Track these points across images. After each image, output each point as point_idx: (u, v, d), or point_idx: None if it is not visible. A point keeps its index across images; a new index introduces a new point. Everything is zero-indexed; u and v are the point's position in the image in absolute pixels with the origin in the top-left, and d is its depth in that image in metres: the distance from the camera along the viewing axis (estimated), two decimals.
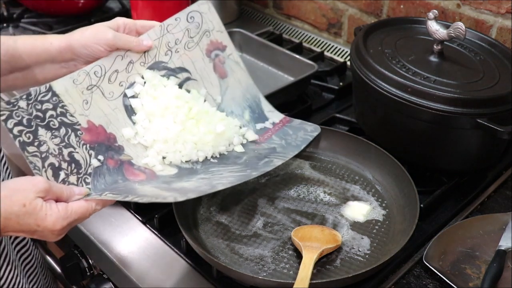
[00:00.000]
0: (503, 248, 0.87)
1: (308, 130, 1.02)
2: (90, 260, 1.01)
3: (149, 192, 0.81)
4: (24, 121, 0.77)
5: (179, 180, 0.86)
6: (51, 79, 0.83)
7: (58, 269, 1.07)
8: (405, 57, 1.04)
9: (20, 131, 0.76)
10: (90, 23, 1.54)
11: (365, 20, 1.46)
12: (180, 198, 0.76)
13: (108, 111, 0.86)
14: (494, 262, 0.84)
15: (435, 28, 1.02)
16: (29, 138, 0.77)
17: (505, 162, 1.09)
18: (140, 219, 0.95)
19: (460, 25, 0.97)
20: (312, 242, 0.84)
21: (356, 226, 0.92)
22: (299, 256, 0.84)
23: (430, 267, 0.85)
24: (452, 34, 0.99)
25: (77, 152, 0.81)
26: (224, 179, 0.86)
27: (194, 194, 0.79)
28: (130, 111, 0.89)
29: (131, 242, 0.92)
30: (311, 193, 0.98)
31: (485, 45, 1.10)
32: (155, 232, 0.93)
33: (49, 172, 0.78)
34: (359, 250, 0.87)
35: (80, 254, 1.02)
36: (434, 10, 1.03)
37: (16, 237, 0.94)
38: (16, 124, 0.76)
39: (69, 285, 1.09)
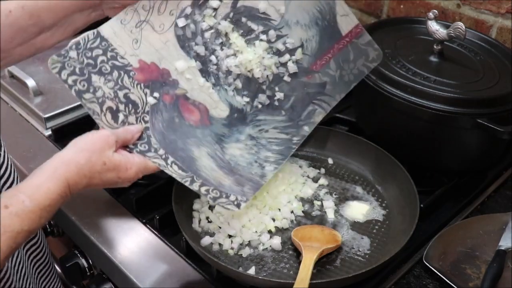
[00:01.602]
0: (503, 248, 0.87)
1: (370, 57, 0.96)
2: (90, 260, 1.01)
3: (208, 172, 0.83)
4: (77, 70, 0.77)
5: (230, 133, 0.89)
6: (81, 27, 0.82)
7: (58, 269, 1.06)
8: (405, 57, 1.04)
9: (75, 81, 0.77)
10: None
11: (365, 20, 1.46)
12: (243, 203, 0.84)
13: (159, 46, 0.84)
14: (494, 262, 0.84)
15: (435, 28, 1.02)
16: (83, 86, 0.77)
17: (505, 162, 1.09)
18: (140, 219, 0.95)
19: (460, 25, 0.97)
20: (312, 242, 0.84)
21: (356, 226, 0.92)
22: (299, 256, 0.84)
23: (430, 267, 0.85)
24: (452, 34, 0.99)
25: (132, 93, 0.81)
26: (268, 151, 0.91)
27: (252, 190, 0.87)
28: (182, 41, 0.86)
29: (131, 242, 0.92)
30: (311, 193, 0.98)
31: (485, 45, 1.10)
32: (155, 232, 0.93)
33: (108, 115, 0.79)
34: (359, 250, 0.87)
35: (80, 254, 1.02)
36: (434, 10, 1.03)
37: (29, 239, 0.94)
38: (69, 74, 0.77)
39: (69, 285, 1.09)
